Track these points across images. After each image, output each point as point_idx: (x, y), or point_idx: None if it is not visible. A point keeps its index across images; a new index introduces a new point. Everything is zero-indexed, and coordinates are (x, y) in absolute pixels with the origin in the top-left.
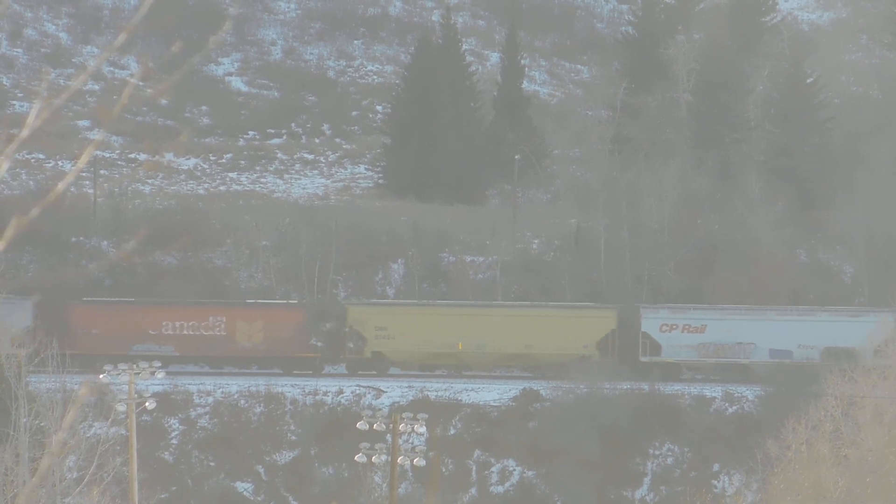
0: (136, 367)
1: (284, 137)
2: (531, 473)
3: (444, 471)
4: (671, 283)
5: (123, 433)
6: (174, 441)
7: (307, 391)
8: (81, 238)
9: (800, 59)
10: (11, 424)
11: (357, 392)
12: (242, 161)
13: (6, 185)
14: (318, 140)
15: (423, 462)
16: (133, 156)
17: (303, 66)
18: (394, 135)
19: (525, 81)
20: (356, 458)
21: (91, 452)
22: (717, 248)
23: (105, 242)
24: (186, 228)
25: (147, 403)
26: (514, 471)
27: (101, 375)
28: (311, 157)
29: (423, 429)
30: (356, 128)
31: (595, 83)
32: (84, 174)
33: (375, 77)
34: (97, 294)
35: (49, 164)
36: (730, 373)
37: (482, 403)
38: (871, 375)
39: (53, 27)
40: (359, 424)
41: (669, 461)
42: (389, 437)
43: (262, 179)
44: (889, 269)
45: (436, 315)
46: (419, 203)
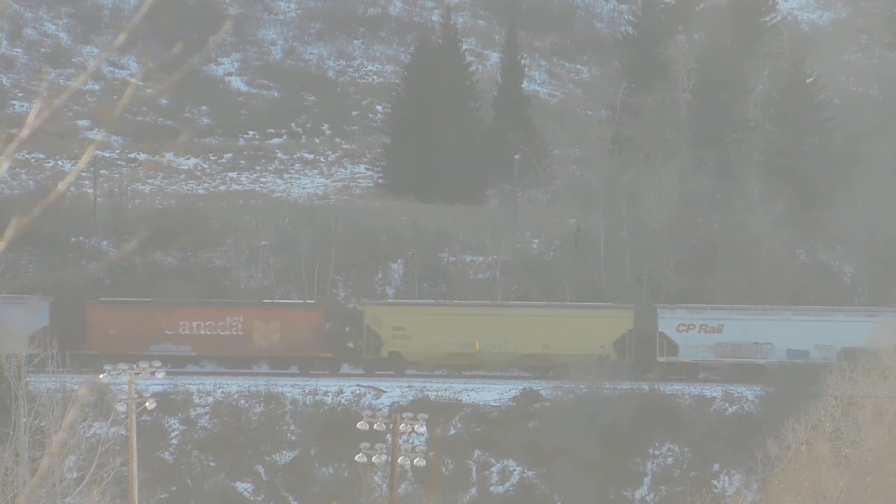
0: (136, 367)
1: (284, 137)
2: (531, 473)
3: (445, 471)
4: (671, 283)
5: (123, 433)
6: (174, 441)
7: (307, 391)
8: (81, 238)
9: (800, 59)
10: (11, 424)
11: (357, 392)
12: (242, 161)
13: (6, 185)
14: (318, 140)
15: (424, 462)
16: (133, 156)
17: (303, 66)
18: (394, 135)
19: (525, 81)
20: (356, 458)
21: (91, 452)
22: (717, 248)
23: (105, 242)
24: (186, 228)
25: (147, 403)
26: (515, 471)
27: (101, 375)
28: (311, 157)
29: (424, 429)
30: (356, 128)
31: (595, 83)
32: (84, 174)
33: (375, 77)
34: (111, 294)
35: (49, 164)
36: (747, 373)
37: (482, 403)
38: (871, 375)
39: (53, 27)
40: (359, 424)
41: (669, 461)
42: (389, 437)
43: (262, 179)
44: (889, 269)
45: (452, 315)
46: (419, 203)
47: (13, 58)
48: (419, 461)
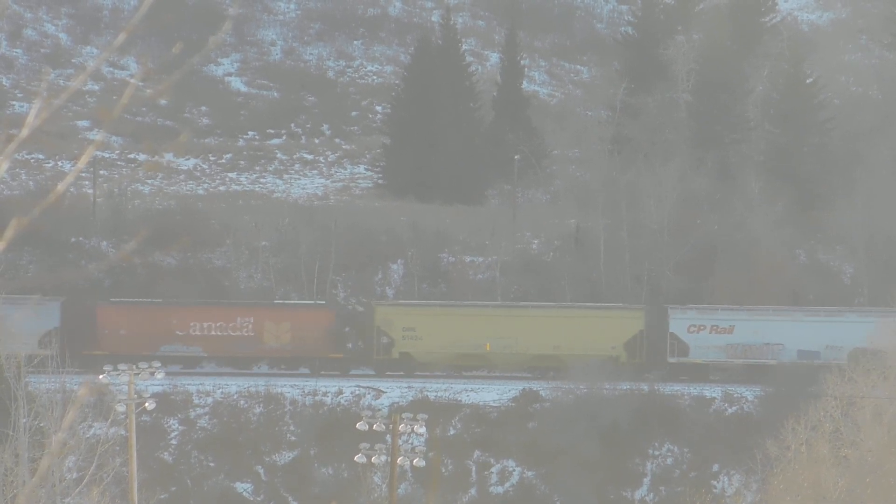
0: (136, 368)
1: (284, 138)
2: (531, 474)
3: (444, 471)
4: (670, 284)
5: (123, 433)
6: (174, 441)
7: (306, 391)
8: (81, 238)
9: (799, 60)
10: (11, 425)
11: (356, 392)
12: (242, 161)
13: (6, 186)
14: (318, 140)
15: (423, 462)
16: (133, 156)
17: (302, 67)
18: (393, 135)
19: (525, 82)
20: (356, 459)
21: (91, 453)
22: (717, 249)
23: (105, 243)
24: (186, 229)
25: (146, 404)
26: (514, 471)
27: (101, 376)
28: (311, 158)
29: (423, 429)
30: (356, 128)
31: (594, 83)
32: (84, 174)
33: (375, 77)
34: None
35: (49, 165)
36: (758, 374)
37: (482, 404)
38: (871, 376)
39: (53, 27)
40: (358, 425)
41: (669, 461)
42: (389, 438)
43: (262, 180)
44: (889, 270)
45: (463, 316)
46: (419, 203)
47: (13, 58)
48: (419, 461)
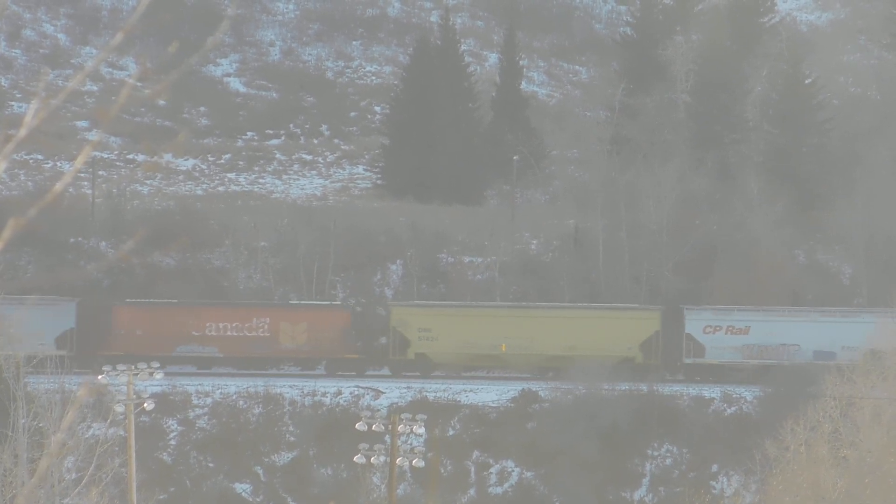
0: (135, 368)
1: (283, 138)
2: (530, 474)
3: (443, 472)
4: (670, 284)
5: (122, 434)
6: (173, 442)
7: (305, 392)
8: (80, 239)
9: (798, 60)
10: (10, 425)
11: (355, 393)
12: (241, 162)
13: (5, 186)
14: (317, 141)
15: (422, 463)
16: (131, 156)
17: (301, 67)
18: (392, 135)
19: (523, 82)
20: (355, 459)
21: (90, 453)
22: (716, 249)
23: (103, 243)
24: (185, 229)
25: (145, 404)
26: (513, 472)
27: (100, 376)
28: (310, 158)
29: (422, 430)
30: (355, 128)
31: (593, 84)
32: (82, 175)
33: (374, 78)
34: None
35: (48, 165)
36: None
37: (481, 404)
38: (870, 376)
39: (52, 28)
40: (357, 425)
41: (668, 462)
42: (388, 438)
43: (261, 180)
44: (888, 270)
45: (479, 316)
46: (418, 204)
47: (12, 59)
48: (418, 462)
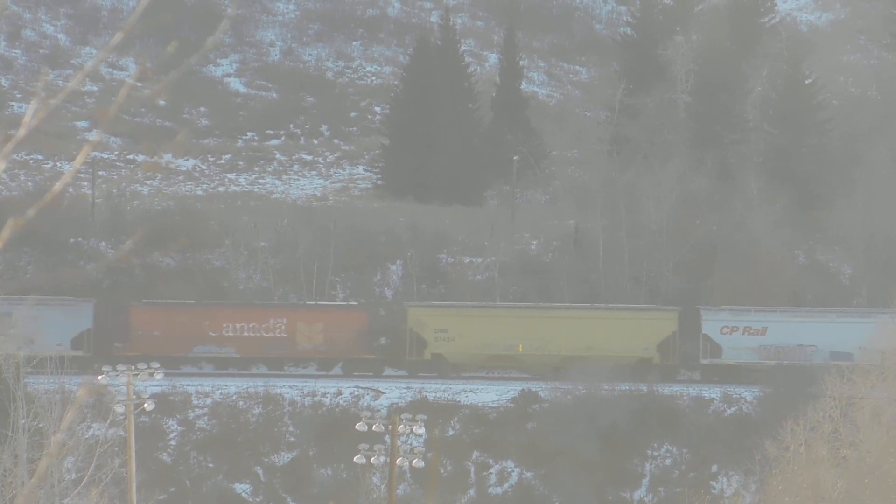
0: (135, 369)
1: (283, 138)
2: (530, 475)
3: (443, 472)
4: (670, 284)
5: (122, 434)
6: (172, 442)
7: (305, 392)
8: (80, 239)
9: (798, 60)
10: (10, 425)
11: (355, 393)
12: (241, 162)
13: (4, 187)
14: (317, 141)
15: (422, 463)
16: (131, 157)
17: (301, 67)
18: (392, 136)
19: (523, 82)
20: (355, 460)
21: (89, 453)
22: (716, 249)
23: (103, 243)
24: (185, 229)
25: (145, 405)
26: (513, 472)
27: (100, 377)
28: (310, 158)
29: (422, 430)
30: (355, 129)
31: (593, 84)
32: (82, 175)
33: (374, 78)
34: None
35: (48, 165)
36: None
37: (481, 404)
38: (870, 376)
39: (52, 28)
40: (357, 425)
41: (668, 462)
42: (388, 439)
43: (261, 180)
44: (888, 270)
45: (496, 317)
46: (417, 204)
47: (12, 59)
48: (418, 462)
